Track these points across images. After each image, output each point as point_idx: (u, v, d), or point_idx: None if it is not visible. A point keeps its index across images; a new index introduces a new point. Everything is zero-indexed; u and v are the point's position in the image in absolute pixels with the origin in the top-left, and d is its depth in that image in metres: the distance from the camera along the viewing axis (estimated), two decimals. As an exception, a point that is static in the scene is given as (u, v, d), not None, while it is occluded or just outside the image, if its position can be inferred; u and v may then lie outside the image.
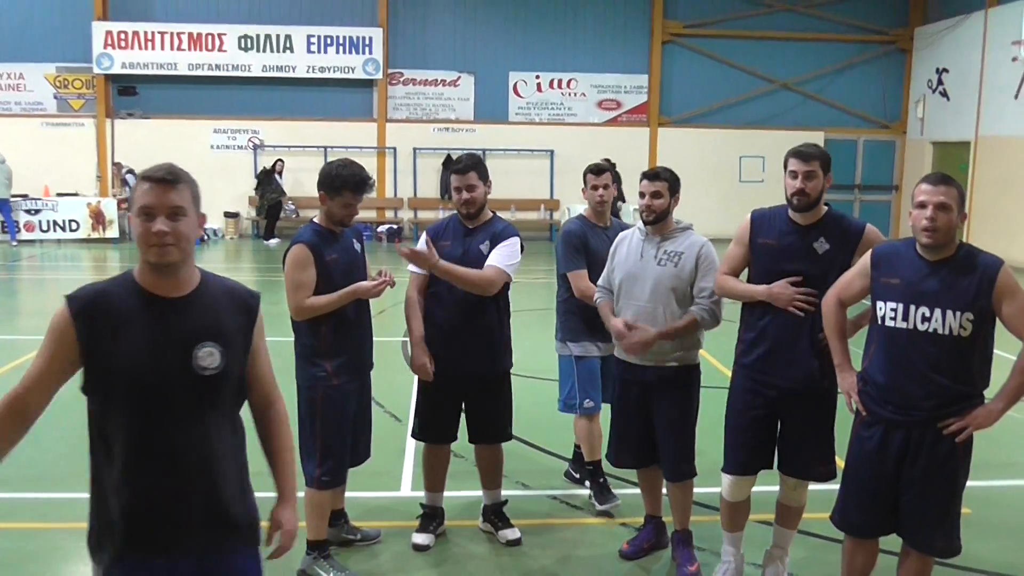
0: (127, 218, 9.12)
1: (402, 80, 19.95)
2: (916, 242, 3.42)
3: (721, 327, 4.36)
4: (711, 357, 6.78)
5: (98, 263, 15.94)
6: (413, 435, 4.82)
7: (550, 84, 20.27)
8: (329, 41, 19.36)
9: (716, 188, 19.44)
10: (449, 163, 4.51)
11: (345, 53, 19.40)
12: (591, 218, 5.08)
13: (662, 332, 4.20)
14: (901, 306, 3.39)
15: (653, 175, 4.35)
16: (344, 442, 4.27)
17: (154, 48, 19.04)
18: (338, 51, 19.40)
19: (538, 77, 20.22)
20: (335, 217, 4.24)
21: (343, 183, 4.17)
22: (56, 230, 17.86)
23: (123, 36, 18.96)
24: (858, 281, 3.63)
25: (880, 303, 3.47)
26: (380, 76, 19.50)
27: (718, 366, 7.03)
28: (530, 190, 20.05)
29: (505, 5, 19.96)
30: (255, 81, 19.44)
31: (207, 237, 18.66)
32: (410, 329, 4.61)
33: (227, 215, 19.31)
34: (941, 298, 3.33)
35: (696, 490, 4.52)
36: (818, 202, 3.92)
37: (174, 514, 2.41)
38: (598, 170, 5.04)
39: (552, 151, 20.11)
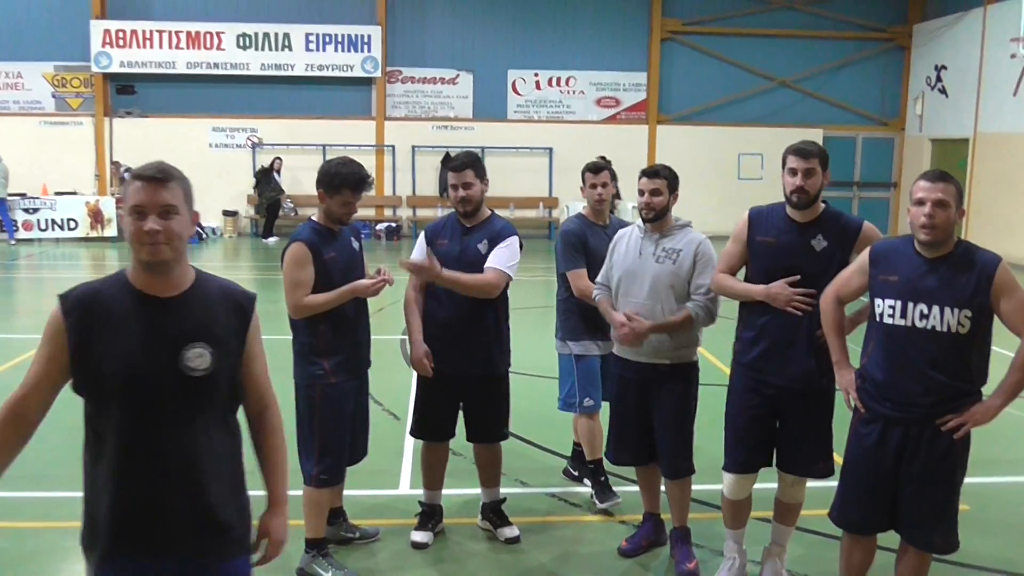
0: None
1: (401, 78, 19.93)
2: (914, 239, 3.42)
3: (721, 325, 4.37)
4: (710, 355, 6.78)
5: (96, 262, 15.93)
6: (411, 433, 4.82)
7: (549, 82, 20.24)
8: (328, 39, 19.34)
9: (715, 185, 19.43)
10: (447, 161, 4.51)
11: (344, 51, 19.38)
12: (590, 217, 5.09)
13: (656, 325, 4.20)
14: (899, 303, 3.40)
15: (652, 172, 4.36)
16: (342, 441, 4.27)
17: (152, 47, 19.00)
18: (337, 49, 19.38)
19: (537, 75, 20.20)
20: (334, 215, 4.23)
21: (342, 181, 4.17)
22: (54, 229, 17.85)
23: (121, 35, 18.93)
24: (856, 278, 3.63)
25: (878, 300, 3.48)
26: (379, 74, 19.48)
27: (717, 364, 7.03)
28: (529, 188, 20.05)
29: (504, 3, 19.94)
30: (253, 79, 19.42)
31: (206, 236, 18.67)
32: (409, 327, 4.62)
33: (226, 213, 19.29)
34: (939, 295, 3.34)
35: (695, 487, 4.52)
36: (817, 199, 3.92)
37: (160, 515, 2.38)
38: (596, 169, 5.05)
39: (551, 149, 20.10)
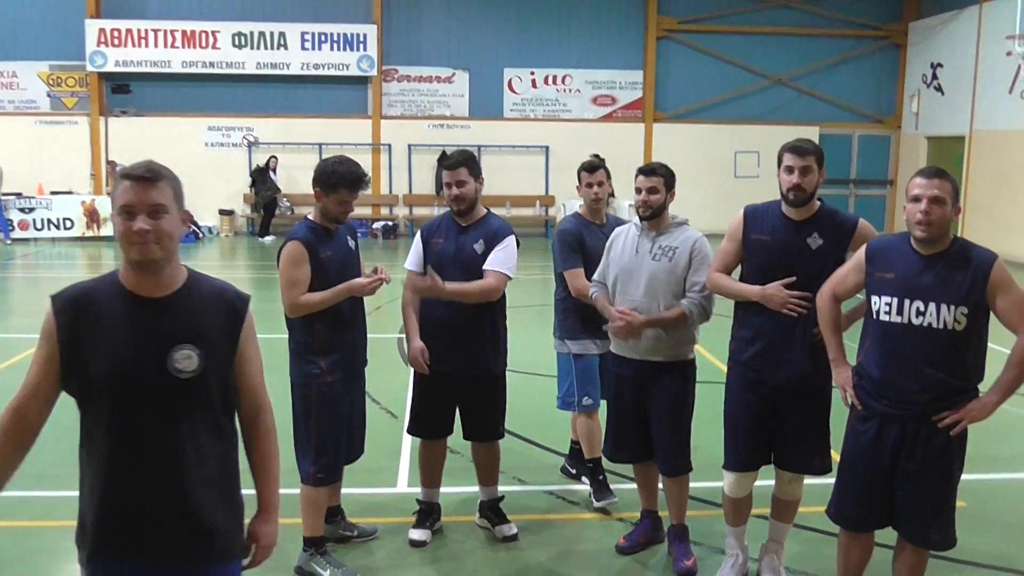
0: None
1: (396, 77, 19.92)
2: (910, 236, 3.43)
3: (718, 322, 4.37)
4: (707, 353, 6.79)
5: (92, 261, 15.90)
6: (409, 431, 4.82)
7: (545, 80, 20.25)
8: (323, 38, 19.32)
9: (711, 183, 19.44)
10: (443, 159, 4.50)
11: (339, 50, 19.37)
12: (587, 215, 5.09)
13: (649, 319, 4.21)
14: (896, 300, 3.40)
15: (649, 170, 4.36)
16: (339, 439, 4.27)
17: (147, 46, 18.97)
18: (332, 48, 19.36)
19: (533, 73, 20.21)
20: (330, 214, 4.22)
21: (339, 180, 4.16)
22: (50, 228, 17.82)
23: (116, 34, 18.90)
24: (853, 276, 3.64)
25: (875, 297, 3.48)
26: (374, 73, 19.47)
27: (714, 361, 7.04)
28: (525, 186, 20.06)
29: (499, 2, 19.93)
30: (249, 78, 19.40)
31: (202, 235, 18.65)
32: (406, 325, 4.62)
33: (222, 212, 19.28)
34: (935, 292, 3.34)
35: (692, 485, 4.52)
36: (813, 197, 3.93)
37: (145, 516, 2.37)
38: (591, 168, 5.05)
39: (547, 147, 20.10)
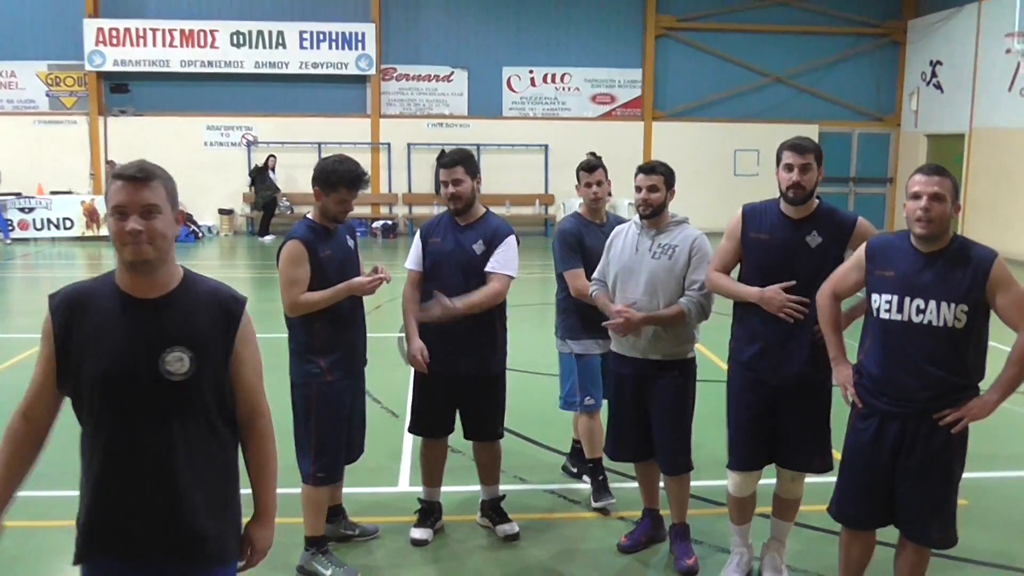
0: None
1: (395, 76, 19.91)
2: (910, 234, 3.43)
3: (719, 321, 4.37)
4: (708, 351, 6.78)
5: (92, 261, 15.90)
6: (410, 430, 4.81)
7: (544, 79, 20.24)
8: (322, 37, 19.31)
9: (711, 182, 19.45)
10: (441, 158, 4.53)
11: (338, 49, 19.35)
12: (586, 215, 5.08)
13: (648, 316, 4.20)
14: (896, 298, 3.40)
15: (649, 169, 4.35)
16: (339, 439, 4.27)
17: (146, 45, 18.96)
18: (331, 47, 19.35)
19: (531, 72, 20.20)
20: (330, 213, 4.22)
21: (338, 179, 4.16)
22: (50, 228, 17.83)
23: (115, 33, 18.89)
24: (853, 274, 3.63)
25: (875, 295, 3.48)
26: (373, 72, 19.46)
27: (715, 360, 7.04)
28: (524, 185, 20.05)
29: (498, 0, 19.93)
30: (248, 78, 19.39)
31: (202, 234, 18.64)
32: (406, 324, 4.62)
33: (221, 212, 19.28)
34: (935, 290, 3.34)
35: (694, 483, 4.52)
36: (812, 195, 3.92)
37: (134, 518, 2.36)
38: (590, 167, 5.04)
39: (546, 146, 20.10)
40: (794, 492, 4.22)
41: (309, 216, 4.28)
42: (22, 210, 17.72)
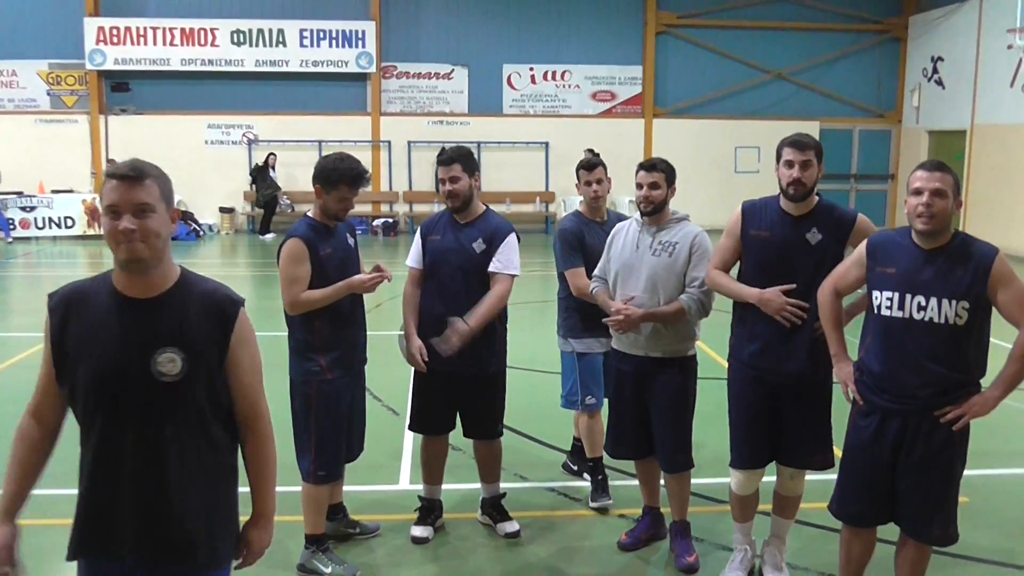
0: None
1: (396, 73, 19.90)
2: (911, 231, 3.42)
3: (720, 318, 4.36)
4: (709, 349, 6.78)
5: (94, 260, 15.89)
6: (410, 427, 4.81)
7: (544, 76, 20.22)
8: (322, 35, 19.30)
9: (711, 179, 19.44)
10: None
11: (338, 47, 19.34)
12: (587, 213, 5.07)
13: (647, 313, 4.20)
14: (897, 295, 3.39)
15: (650, 166, 4.35)
16: (339, 437, 4.26)
17: (146, 44, 18.96)
18: (331, 45, 19.34)
19: (532, 69, 20.18)
20: (330, 211, 4.21)
21: (339, 177, 4.15)
22: (51, 227, 17.84)
23: (115, 32, 18.88)
24: (854, 271, 3.63)
25: (876, 292, 3.47)
26: (373, 70, 19.44)
27: (716, 358, 7.03)
28: (525, 183, 20.04)
29: (498, -3, 19.94)
30: (248, 76, 19.38)
31: (203, 232, 18.65)
32: (406, 322, 4.62)
33: (222, 210, 19.29)
34: (937, 287, 3.33)
35: (694, 481, 4.52)
36: (812, 192, 3.92)
37: (122, 519, 2.35)
38: (590, 166, 5.02)
39: (547, 143, 20.08)
40: (794, 489, 4.22)
41: (310, 214, 4.27)
42: (23, 209, 17.72)
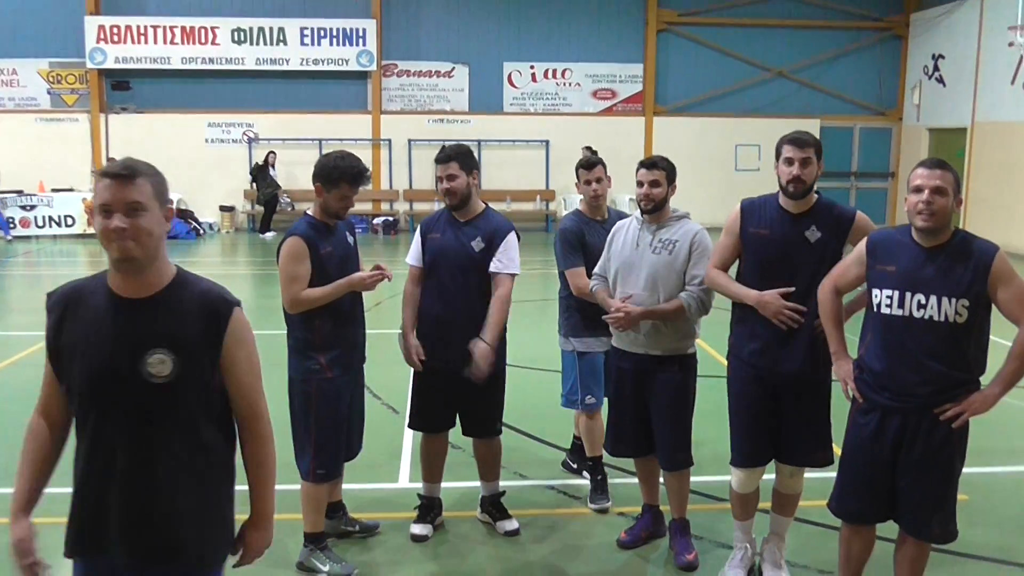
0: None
1: (396, 72, 19.89)
2: (911, 229, 3.42)
3: (720, 316, 4.36)
4: (709, 347, 6.78)
5: (94, 258, 15.89)
6: (410, 425, 4.81)
7: (545, 74, 20.21)
8: (322, 33, 19.29)
9: (712, 177, 19.41)
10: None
11: (339, 45, 19.33)
12: (587, 212, 5.06)
13: (647, 311, 4.20)
14: (897, 293, 3.39)
15: (651, 164, 4.34)
16: (338, 436, 4.26)
17: (147, 42, 18.95)
18: (332, 43, 19.32)
19: (532, 67, 20.16)
20: (331, 209, 4.20)
21: (340, 175, 4.14)
22: (52, 226, 17.84)
23: (116, 30, 18.88)
24: (854, 269, 3.63)
25: (876, 290, 3.47)
26: (374, 68, 19.43)
27: (716, 356, 7.03)
28: (526, 181, 20.02)
29: (498, -5, 19.93)
30: (249, 74, 19.37)
31: (203, 231, 18.65)
32: (404, 319, 4.62)
33: (222, 209, 19.29)
34: (937, 285, 3.33)
35: (694, 479, 4.52)
36: (811, 189, 3.92)
37: (112, 520, 2.34)
38: (589, 165, 5.01)
39: (547, 141, 20.07)
40: (793, 487, 4.21)
41: (309, 212, 4.27)
42: (24, 208, 17.73)
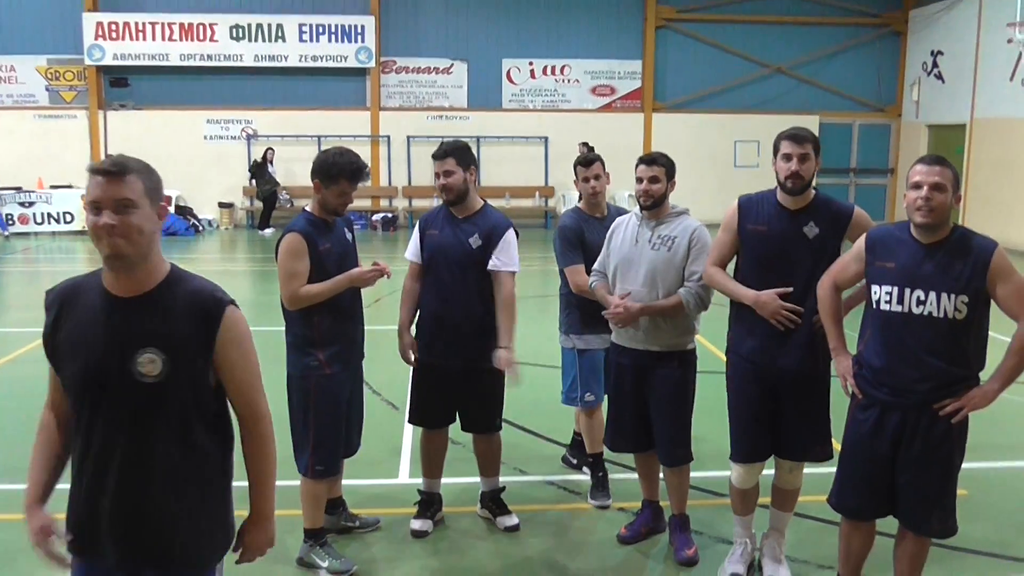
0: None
1: (395, 68, 19.88)
2: (910, 225, 3.42)
3: (719, 312, 4.36)
4: (708, 343, 6.78)
5: (92, 255, 15.86)
6: (410, 420, 4.81)
7: (543, 71, 20.20)
8: (321, 30, 19.28)
9: (711, 173, 19.43)
10: (436, 150, 4.54)
11: (337, 42, 19.31)
12: (586, 209, 5.05)
13: (646, 306, 4.20)
14: (896, 289, 3.40)
15: (650, 160, 4.34)
16: (338, 432, 4.26)
17: (145, 39, 18.94)
18: (330, 40, 19.31)
19: (531, 64, 20.15)
20: (329, 206, 4.20)
21: (339, 171, 4.13)
22: (50, 222, 17.85)
23: (114, 27, 18.86)
24: (853, 265, 3.63)
25: (875, 287, 3.47)
26: (373, 64, 19.42)
27: (715, 351, 7.03)
28: (524, 177, 20.03)
29: (497, -8, 19.91)
30: (247, 71, 19.36)
31: (202, 228, 18.64)
32: (401, 316, 4.64)
33: (221, 205, 19.28)
34: (936, 281, 3.33)
35: (694, 475, 4.53)
36: (809, 185, 3.92)
37: (105, 520, 2.34)
38: (587, 162, 5.00)
39: (546, 138, 20.07)
40: (793, 482, 4.22)
41: (308, 209, 4.26)
42: (22, 204, 17.72)
